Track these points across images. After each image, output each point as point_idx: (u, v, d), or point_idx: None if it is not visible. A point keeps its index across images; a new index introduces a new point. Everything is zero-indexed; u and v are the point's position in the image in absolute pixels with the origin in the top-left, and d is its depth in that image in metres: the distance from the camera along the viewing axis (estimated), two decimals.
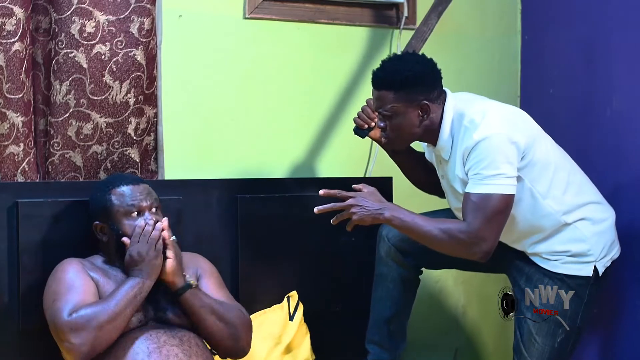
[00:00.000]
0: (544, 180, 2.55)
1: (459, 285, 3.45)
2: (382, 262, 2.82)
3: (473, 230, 2.43)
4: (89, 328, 2.25)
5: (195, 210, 2.86)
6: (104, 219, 2.49)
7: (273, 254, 2.97)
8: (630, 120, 3.00)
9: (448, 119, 2.55)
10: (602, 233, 2.63)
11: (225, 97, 3.05)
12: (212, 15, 3.03)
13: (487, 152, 2.44)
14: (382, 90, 2.53)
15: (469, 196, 2.47)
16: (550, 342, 2.61)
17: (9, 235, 2.58)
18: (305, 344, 2.90)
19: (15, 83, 2.61)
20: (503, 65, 3.53)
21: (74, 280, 2.37)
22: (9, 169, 2.65)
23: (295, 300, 2.92)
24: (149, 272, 2.36)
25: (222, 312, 2.45)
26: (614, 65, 3.07)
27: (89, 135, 2.77)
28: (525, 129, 2.55)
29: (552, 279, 2.59)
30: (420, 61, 2.60)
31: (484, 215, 2.43)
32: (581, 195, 2.63)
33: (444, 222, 2.51)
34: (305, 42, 3.17)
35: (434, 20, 3.03)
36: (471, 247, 2.46)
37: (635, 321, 2.97)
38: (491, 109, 2.54)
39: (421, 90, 2.53)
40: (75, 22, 2.70)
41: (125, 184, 2.50)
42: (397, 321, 2.84)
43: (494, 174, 2.43)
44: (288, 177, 3.11)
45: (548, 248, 2.60)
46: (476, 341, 3.52)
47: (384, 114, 2.55)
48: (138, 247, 2.37)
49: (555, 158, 2.61)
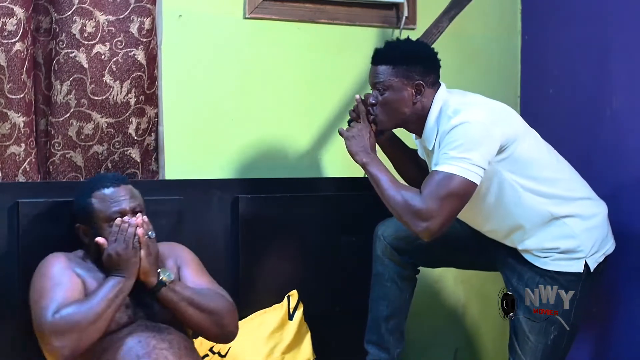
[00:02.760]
0: (525, 174, 2.56)
1: (458, 285, 3.46)
2: (378, 261, 2.83)
3: (424, 205, 2.42)
4: (71, 331, 2.24)
5: (195, 210, 2.86)
6: (86, 222, 2.48)
7: (273, 254, 2.98)
8: (630, 120, 3.01)
9: (436, 108, 2.57)
10: (593, 229, 2.63)
11: (226, 97, 3.05)
12: (212, 15, 3.03)
13: (460, 135, 2.44)
14: (381, 65, 2.57)
15: (433, 173, 2.47)
16: (543, 340, 2.62)
17: (9, 235, 2.58)
18: (306, 344, 2.90)
19: (17, 83, 2.61)
20: (503, 65, 3.53)
21: (60, 276, 2.36)
22: (10, 169, 2.65)
23: (295, 299, 2.92)
24: (128, 271, 2.35)
25: (203, 302, 2.43)
26: (614, 65, 3.07)
27: (90, 135, 2.77)
28: (508, 125, 2.55)
29: (544, 277, 2.60)
30: (423, 45, 2.69)
31: (440, 193, 2.41)
32: (570, 192, 2.63)
33: (408, 188, 2.52)
34: (305, 42, 3.17)
35: (445, 24, 3.04)
36: (418, 220, 2.44)
37: (634, 318, 2.97)
38: (477, 102, 2.57)
39: (419, 70, 2.56)
40: (76, 22, 2.70)
41: (107, 187, 2.47)
42: (395, 320, 2.84)
43: (462, 157, 2.42)
44: (288, 177, 3.11)
45: (538, 244, 2.60)
46: (476, 341, 3.52)
47: (379, 87, 2.57)
48: (116, 246, 2.36)
49: (540, 155, 2.61)
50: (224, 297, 2.52)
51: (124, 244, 2.35)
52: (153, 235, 2.41)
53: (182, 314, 2.41)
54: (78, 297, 2.32)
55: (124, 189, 2.49)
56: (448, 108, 2.53)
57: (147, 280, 2.38)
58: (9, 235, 2.58)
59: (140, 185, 2.80)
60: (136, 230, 2.37)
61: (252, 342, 2.80)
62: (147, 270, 2.37)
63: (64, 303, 2.28)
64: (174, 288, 2.40)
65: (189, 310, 2.41)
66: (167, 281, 2.39)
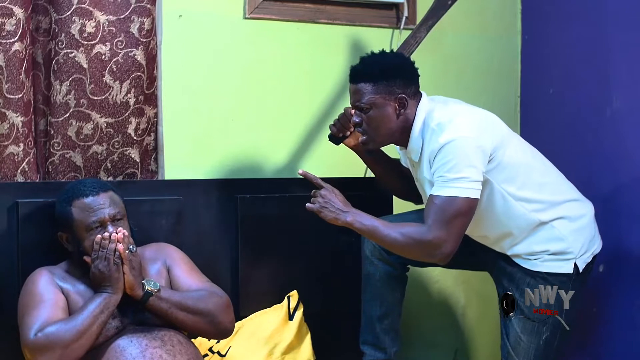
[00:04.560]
0: (514, 182, 2.56)
1: (459, 285, 3.45)
2: (367, 262, 2.83)
3: (433, 233, 2.44)
4: (54, 348, 2.25)
5: (195, 210, 2.87)
6: (66, 230, 2.48)
7: (273, 254, 2.98)
8: (630, 120, 3.00)
9: (419, 119, 2.56)
10: (581, 230, 2.63)
11: (226, 97, 3.06)
12: (212, 15, 3.03)
13: (452, 155, 2.45)
14: (361, 83, 2.55)
15: (432, 199, 2.48)
16: (535, 340, 2.62)
17: (9, 235, 2.59)
18: (306, 344, 2.89)
19: (15, 83, 2.61)
20: (503, 65, 3.53)
21: (43, 293, 2.38)
22: (9, 169, 2.65)
23: (295, 300, 2.92)
24: (113, 286, 2.36)
25: (193, 304, 2.44)
26: (614, 65, 3.07)
27: (89, 135, 2.77)
28: (494, 132, 2.55)
29: (535, 278, 2.60)
30: (399, 56, 2.67)
31: (445, 218, 2.44)
32: (556, 194, 2.63)
33: (405, 225, 2.52)
34: (305, 42, 3.17)
35: (422, 34, 3.03)
36: (431, 250, 2.47)
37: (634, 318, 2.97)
38: (460, 112, 2.56)
39: (399, 83, 2.55)
40: (76, 22, 2.70)
41: (86, 195, 2.45)
42: (389, 319, 2.84)
43: (458, 177, 2.44)
44: (288, 177, 3.11)
45: (527, 249, 2.61)
46: (476, 341, 3.52)
47: (362, 106, 2.55)
48: (98, 264, 2.36)
49: (526, 160, 2.62)
50: (216, 294, 2.51)
51: (105, 262, 2.36)
52: (134, 249, 2.41)
53: (174, 320, 2.42)
54: (62, 314, 2.34)
55: (104, 197, 2.46)
56: (432, 120, 2.53)
57: (133, 293, 2.38)
58: (9, 235, 2.59)
59: (139, 185, 2.81)
60: (117, 246, 2.37)
61: (252, 342, 2.80)
62: (132, 284, 2.38)
63: (48, 321, 2.30)
64: (161, 296, 2.41)
65: (180, 315, 2.41)
66: (153, 291, 2.40)
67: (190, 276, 2.55)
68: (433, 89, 3.41)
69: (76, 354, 2.29)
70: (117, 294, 2.36)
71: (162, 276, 2.53)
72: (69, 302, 2.40)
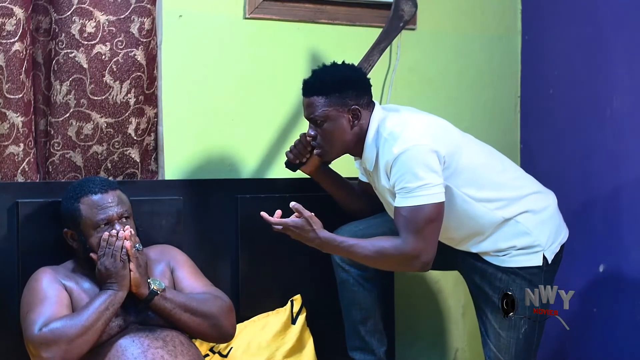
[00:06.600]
0: (473, 185, 2.58)
1: (459, 286, 3.45)
2: (339, 269, 2.83)
3: (409, 246, 2.47)
4: (59, 343, 2.26)
5: (195, 210, 2.86)
6: (73, 226, 2.48)
7: (273, 254, 2.97)
8: (630, 120, 3.01)
9: (372, 128, 2.58)
10: (545, 222, 2.64)
11: (225, 97, 3.05)
12: (212, 15, 3.03)
13: (408, 165, 2.46)
14: (314, 96, 2.58)
15: (399, 210, 2.49)
16: (514, 335, 2.64)
17: (9, 235, 2.58)
18: (308, 349, 2.88)
19: (15, 83, 2.61)
20: (503, 65, 3.53)
21: (47, 290, 2.38)
22: (9, 169, 2.65)
23: (299, 304, 2.91)
24: (119, 283, 2.36)
25: (197, 306, 2.45)
26: (614, 65, 3.07)
27: (89, 135, 2.77)
28: (446, 137, 2.57)
29: (506, 273, 2.62)
30: (350, 68, 2.68)
31: (418, 228, 2.46)
32: (517, 190, 2.65)
33: (379, 240, 2.53)
34: (305, 42, 3.17)
35: (376, 57, 3.04)
36: (411, 261, 2.49)
37: (634, 318, 2.97)
38: (411, 120, 2.58)
39: (352, 95, 2.57)
40: (76, 22, 2.70)
41: (95, 193, 2.47)
42: (371, 321, 2.84)
43: (420, 184, 2.45)
44: (288, 177, 3.11)
45: (492, 246, 2.62)
46: (476, 341, 3.50)
47: (315, 119, 2.58)
48: (105, 261, 2.37)
49: (481, 160, 2.63)
50: (219, 297, 2.52)
51: (112, 259, 2.36)
52: (140, 248, 2.42)
53: (177, 321, 2.42)
54: (66, 311, 2.35)
55: (112, 195, 2.48)
56: (385, 130, 2.55)
57: (138, 291, 2.39)
58: (9, 236, 2.58)
59: (139, 185, 2.81)
60: (124, 244, 2.38)
61: (254, 345, 2.80)
62: (138, 282, 2.38)
63: (52, 317, 2.30)
64: (166, 296, 2.42)
65: (183, 316, 2.42)
66: (158, 290, 2.40)
67: (194, 279, 2.56)
68: (433, 89, 3.43)
69: (80, 349, 2.29)
70: (122, 291, 2.36)
71: (166, 277, 2.53)
72: (72, 299, 2.40)
